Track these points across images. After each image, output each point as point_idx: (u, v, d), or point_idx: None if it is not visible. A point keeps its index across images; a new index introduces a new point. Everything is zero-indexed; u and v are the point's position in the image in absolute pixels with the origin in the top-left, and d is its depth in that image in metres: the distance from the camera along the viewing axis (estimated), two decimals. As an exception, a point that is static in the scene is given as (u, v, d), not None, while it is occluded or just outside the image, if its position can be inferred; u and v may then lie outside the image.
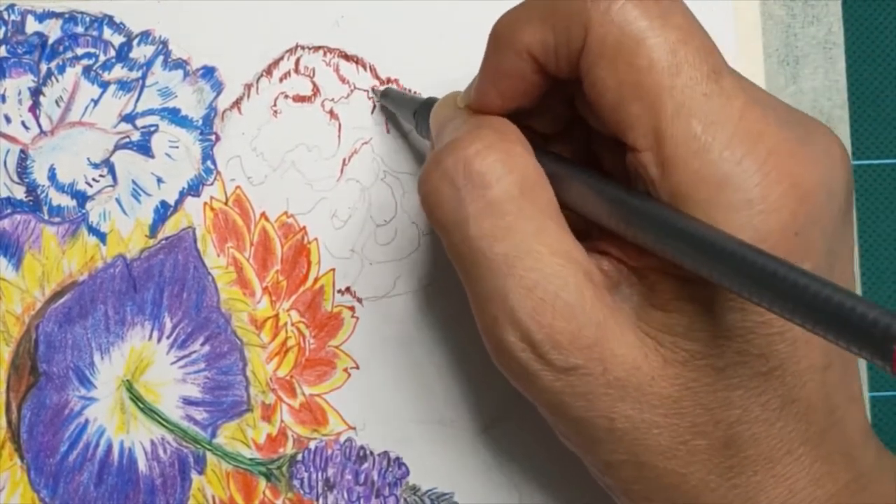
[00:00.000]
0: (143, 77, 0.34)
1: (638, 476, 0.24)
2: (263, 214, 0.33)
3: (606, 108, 0.23)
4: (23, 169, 0.33)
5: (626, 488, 0.25)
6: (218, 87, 0.34)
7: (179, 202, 0.33)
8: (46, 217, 0.33)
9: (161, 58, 0.34)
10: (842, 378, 0.24)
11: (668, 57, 0.23)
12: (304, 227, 0.33)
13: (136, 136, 0.34)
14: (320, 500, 0.33)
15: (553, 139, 0.28)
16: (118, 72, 0.34)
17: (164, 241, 0.33)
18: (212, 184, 0.34)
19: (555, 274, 0.23)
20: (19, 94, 0.34)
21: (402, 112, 0.32)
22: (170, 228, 0.33)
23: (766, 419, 0.23)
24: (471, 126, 0.26)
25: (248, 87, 0.34)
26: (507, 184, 0.24)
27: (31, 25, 0.34)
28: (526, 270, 0.23)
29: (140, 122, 0.34)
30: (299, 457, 0.33)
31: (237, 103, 0.34)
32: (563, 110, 0.27)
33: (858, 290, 0.34)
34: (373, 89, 0.34)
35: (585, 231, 0.26)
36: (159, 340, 0.33)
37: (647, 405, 0.23)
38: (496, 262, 0.24)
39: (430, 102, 0.29)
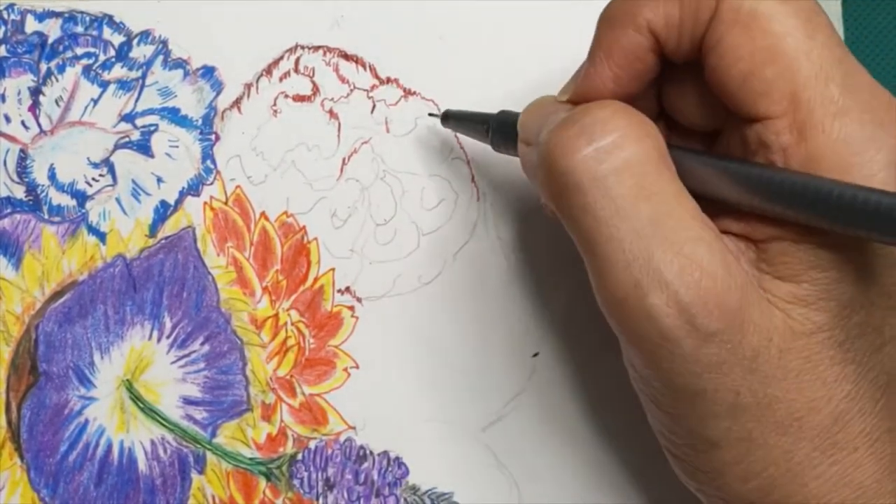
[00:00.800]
0: (143, 77, 0.34)
1: (743, 455, 0.24)
2: (263, 214, 0.33)
3: (737, 78, 0.23)
4: (23, 168, 0.33)
5: (724, 470, 0.25)
6: (218, 87, 0.34)
7: (179, 202, 0.33)
8: (46, 217, 0.33)
9: (161, 57, 0.34)
10: None
11: (804, 23, 0.23)
12: (304, 227, 0.33)
13: (135, 136, 0.34)
14: (320, 500, 0.33)
15: None
16: (118, 71, 0.34)
17: (163, 241, 0.33)
18: (211, 183, 0.34)
19: (699, 235, 0.23)
20: (19, 93, 0.34)
21: (471, 130, 0.32)
22: (169, 228, 0.33)
23: (872, 396, 0.24)
24: (592, 104, 0.25)
25: (248, 86, 0.34)
26: (646, 146, 0.24)
27: (31, 25, 0.34)
28: (672, 230, 0.23)
29: (140, 122, 0.34)
30: (299, 456, 0.33)
31: (237, 103, 0.34)
32: (652, 106, 0.27)
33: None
34: (430, 115, 0.33)
35: None
36: (159, 340, 0.33)
37: (772, 379, 0.23)
38: (640, 222, 0.23)
39: (507, 115, 0.29)
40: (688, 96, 0.26)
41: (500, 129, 0.29)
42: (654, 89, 0.27)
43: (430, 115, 0.33)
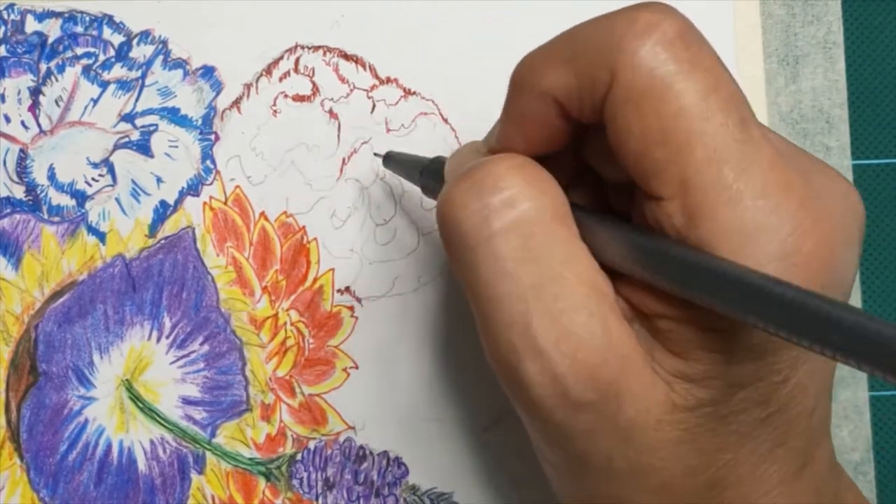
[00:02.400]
0: (143, 76, 0.34)
1: None
2: (263, 214, 0.33)
3: (631, 155, 0.22)
4: (22, 168, 0.33)
5: None
6: (217, 87, 0.34)
7: (179, 202, 0.33)
8: (46, 217, 0.33)
9: (160, 57, 0.34)
10: (822, 417, 0.24)
11: (698, 103, 0.22)
12: (304, 227, 0.33)
13: (135, 136, 0.34)
14: (320, 500, 0.33)
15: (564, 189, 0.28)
16: (118, 71, 0.34)
17: (163, 241, 0.33)
18: (211, 183, 0.33)
19: (582, 303, 0.22)
20: (19, 93, 0.34)
21: (408, 172, 0.31)
22: (169, 228, 0.33)
23: (753, 462, 0.23)
24: (490, 159, 0.24)
25: (248, 86, 0.34)
26: (539, 204, 0.23)
27: (31, 25, 0.34)
28: (552, 297, 0.22)
29: (139, 122, 0.34)
30: (299, 456, 0.33)
31: (237, 103, 0.34)
32: (572, 160, 0.26)
33: (858, 292, 0.34)
34: (375, 154, 0.33)
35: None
36: (158, 340, 0.33)
37: (647, 448, 0.23)
38: (521, 286, 0.22)
39: (440, 160, 0.29)
40: (604, 154, 0.24)
41: (429, 175, 0.29)
42: (574, 144, 0.26)
43: (375, 154, 0.33)
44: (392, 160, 0.32)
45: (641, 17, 0.22)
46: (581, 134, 0.25)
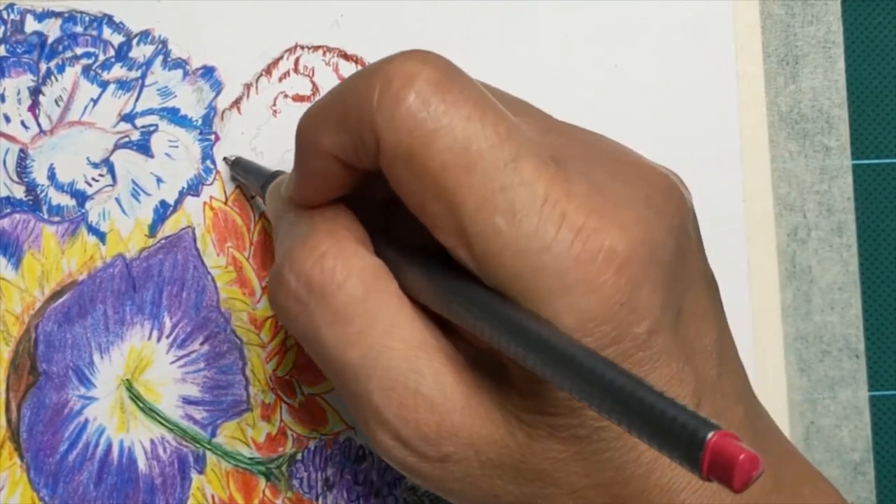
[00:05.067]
0: (143, 76, 0.34)
1: None
2: (263, 214, 0.33)
3: (413, 207, 0.23)
4: (22, 168, 0.33)
5: None
6: (217, 87, 0.34)
7: (179, 202, 0.33)
8: (46, 216, 0.33)
9: (160, 57, 0.34)
10: (719, 409, 0.24)
11: (460, 156, 0.22)
12: (304, 227, 0.33)
13: (135, 136, 0.34)
14: (319, 500, 0.33)
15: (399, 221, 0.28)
16: (117, 71, 0.34)
17: (163, 241, 0.33)
18: (211, 183, 0.34)
19: (411, 368, 0.24)
20: (19, 93, 0.34)
21: (253, 183, 0.32)
22: (169, 228, 0.33)
23: (641, 474, 0.23)
24: (303, 231, 0.25)
25: (248, 86, 0.34)
26: (350, 287, 0.24)
27: (31, 25, 0.34)
28: (383, 371, 0.24)
29: (139, 122, 0.34)
30: (299, 456, 0.33)
31: (237, 103, 0.34)
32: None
33: (858, 292, 0.34)
34: (224, 159, 0.33)
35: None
36: (159, 340, 0.33)
37: (524, 480, 0.24)
38: (354, 368, 0.24)
39: (279, 174, 0.29)
40: None
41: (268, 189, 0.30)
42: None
43: (224, 158, 0.33)
44: (240, 166, 0.32)
45: (396, 77, 0.22)
46: None
